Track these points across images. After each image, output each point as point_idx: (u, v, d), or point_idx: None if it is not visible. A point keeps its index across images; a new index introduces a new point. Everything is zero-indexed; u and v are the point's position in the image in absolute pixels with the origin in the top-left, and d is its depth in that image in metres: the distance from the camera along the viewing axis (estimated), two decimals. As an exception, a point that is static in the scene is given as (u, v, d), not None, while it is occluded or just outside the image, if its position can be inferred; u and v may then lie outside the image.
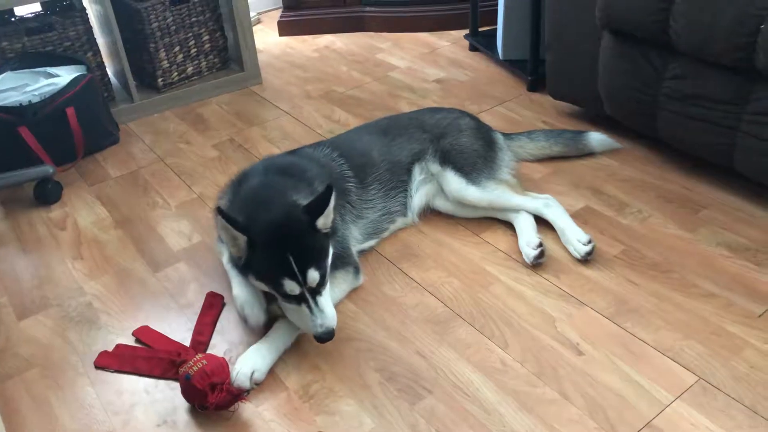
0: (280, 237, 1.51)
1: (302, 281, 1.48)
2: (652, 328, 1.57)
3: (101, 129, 2.52)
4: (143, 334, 1.68)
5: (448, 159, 1.93)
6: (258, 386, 1.51)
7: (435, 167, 1.94)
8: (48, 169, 2.24)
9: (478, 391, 1.46)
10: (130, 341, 1.67)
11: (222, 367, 1.45)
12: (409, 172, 1.95)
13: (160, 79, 2.79)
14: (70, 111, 2.33)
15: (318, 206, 1.54)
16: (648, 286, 1.69)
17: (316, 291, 1.50)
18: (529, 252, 1.77)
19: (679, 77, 1.93)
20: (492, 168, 1.96)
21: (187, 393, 1.45)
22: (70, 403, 1.52)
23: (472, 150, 1.96)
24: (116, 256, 1.98)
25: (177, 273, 1.89)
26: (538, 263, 1.77)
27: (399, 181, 1.93)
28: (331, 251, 1.59)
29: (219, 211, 1.49)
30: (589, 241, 1.78)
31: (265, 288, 1.56)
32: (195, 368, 1.42)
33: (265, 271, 1.52)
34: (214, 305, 1.75)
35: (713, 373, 1.45)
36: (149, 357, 1.60)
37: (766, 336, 1.52)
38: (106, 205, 2.22)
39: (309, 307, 1.49)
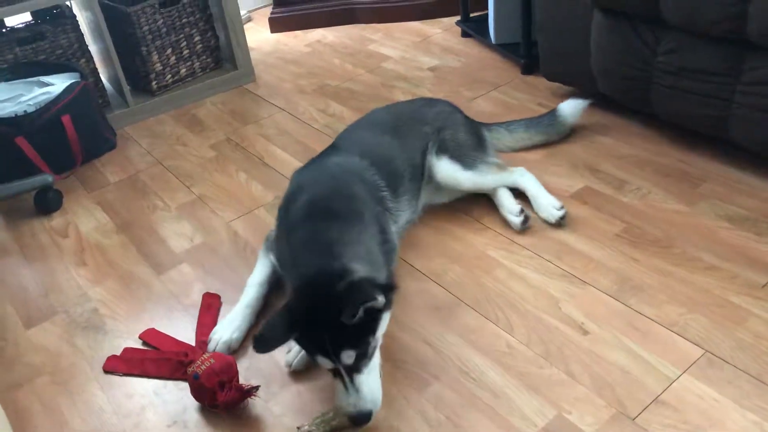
0: (315, 312, 1.33)
1: (336, 360, 1.32)
2: (656, 304, 1.57)
3: (98, 135, 2.53)
4: (150, 337, 1.69)
5: (444, 149, 1.94)
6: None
7: (432, 158, 1.94)
8: (47, 178, 2.24)
9: (485, 376, 1.46)
10: (137, 344, 1.68)
11: (230, 365, 1.46)
12: (422, 175, 1.94)
13: (154, 83, 2.79)
14: (66, 119, 2.34)
15: (366, 292, 1.31)
16: (650, 263, 1.69)
17: (353, 368, 1.33)
18: (515, 219, 1.84)
19: (671, 51, 1.93)
20: (484, 154, 2.00)
21: (196, 392, 1.46)
22: (80, 408, 1.53)
23: (467, 143, 1.98)
24: (119, 260, 1.99)
25: (180, 275, 1.90)
26: (525, 228, 1.83)
27: (416, 188, 1.93)
28: (382, 325, 1.39)
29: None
30: (562, 207, 1.84)
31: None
32: (203, 367, 1.43)
33: (300, 339, 1.39)
34: (212, 305, 1.76)
35: (719, 345, 1.45)
36: (157, 359, 1.61)
37: (771, 305, 1.53)
38: (107, 210, 2.23)
39: (344, 383, 1.34)
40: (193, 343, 1.65)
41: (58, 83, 2.43)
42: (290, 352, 1.55)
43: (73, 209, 2.26)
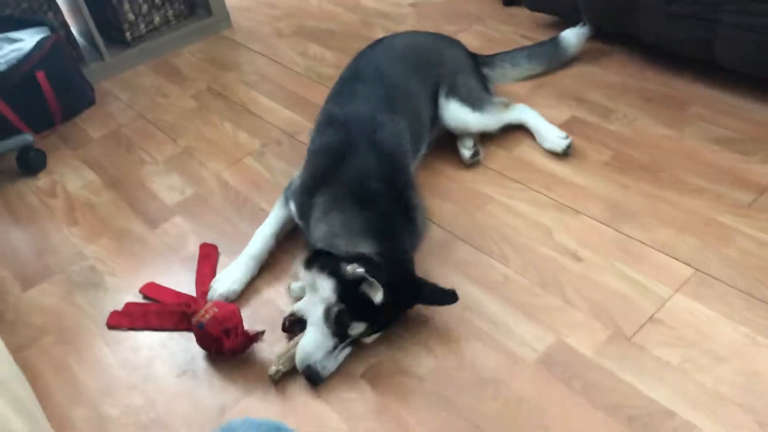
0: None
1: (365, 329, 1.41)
2: (646, 228, 1.61)
3: (76, 91, 2.47)
4: (150, 290, 1.70)
5: (455, 92, 1.92)
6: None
7: (442, 100, 1.92)
8: (27, 137, 2.20)
9: (484, 307, 1.50)
10: (138, 299, 1.70)
11: (233, 312, 1.48)
12: (433, 117, 1.93)
13: (127, 33, 2.72)
14: (41, 75, 2.28)
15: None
16: (639, 188, 1.72)
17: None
18: (466, 152, 1.90)
19: (655, -26, 1.90)
20: (490, 95, 2.00)
21: (202, 341, 1.49)
22: (89, 365, 1.56)
23: (476, 86, 1.98)
24: (112, 217, 1.98)
25: (175, 227, 1.90)
26: (474, 161, 1.89)
27: (428, 131, 1.92)
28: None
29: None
30: (566, 136, 1.86)
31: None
32: (207, 316, 1.45)
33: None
34: (209, 255, 1.77)
35: (708, 263, 1.50)
36: (160, 311, 1.63)
37: (757, 223, 1.56)
38: (93, 167, 2.21)
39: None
40: (194, 293, 1.66)
41: (27, 39, 2.36)
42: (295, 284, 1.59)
43: (59, 169, 2.23)
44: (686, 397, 1.26)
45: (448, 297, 1.43)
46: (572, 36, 2.19)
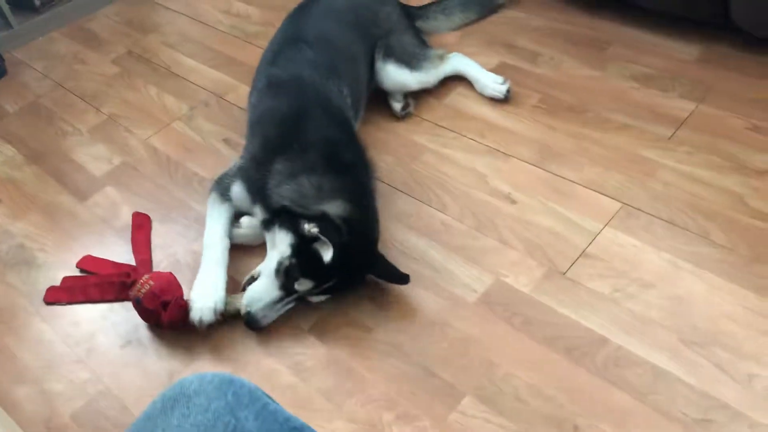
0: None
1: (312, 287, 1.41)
2: (575, 167, 1.67)
3: (-16, 63, 2.33)
4: (87, 264, 1.66)
5: (391, 53, 1.90)
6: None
7: (379, 63, 1.90)
8: (-63, 115, 2.08)
9: (425, 254, 1.53)
10: (76, 273, 1.65)
11: (170, 283, 1.45)
12: (370, 78, 1.91)
13: (35, -2, 2.57)
14: (-56, 48, 2.14)
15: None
16: (567, 129, 1.77)
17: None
18: (396, 105, 1.91)
19: None
20: (426, 49, 1.98)
21: (141, 315, 1.46)
22: (29, 344, 1.52)
23: (411, 43, 1.96)
24: (38, 192, 1.90)
25: (106, 198, 1.84)
26: (405, 114, 1.91)
27: (366, 91, 1.90)
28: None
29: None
30: (505, 81, 1.89)
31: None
32: (143, 290, 1.43)
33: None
34: (142, 224, 1.73)
35: (634, 197, 1.57)
36: (100, 283, 1.60)
37: (677, 155, 1.65)
38: (12, 142, 2.10)
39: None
40: (132, 263, 1.63)
41: (-74, 9, 2.20)
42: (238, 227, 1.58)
43: (-26, 145, 2.12)
44: (618, 323, 1.34)
45: (401, 277, 1.43)
46: None
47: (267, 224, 1.47)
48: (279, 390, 1.33)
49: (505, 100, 1.88)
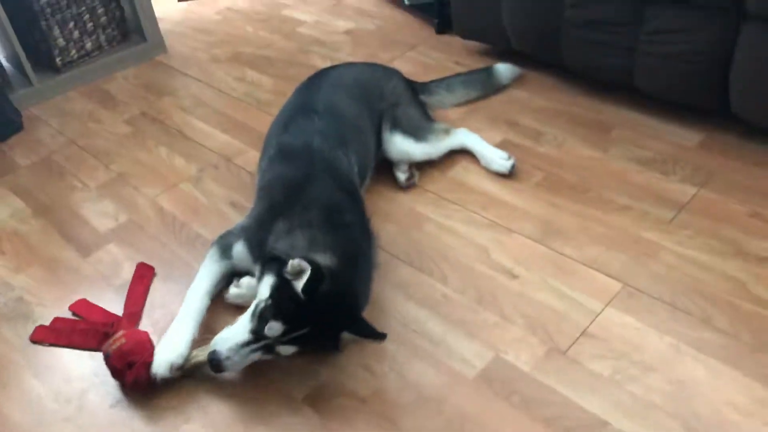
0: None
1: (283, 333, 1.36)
2: (577, 245, 1.67)
3: (1, 117, 2.39)
4: (80, 308, 1.66)
5: (397, 124, 1.96)
6: (180, 372, 1.43)
7: (386, 134, 1.96)
8: (-50, 165, 2.11)
9: (424, 326, 1.52)
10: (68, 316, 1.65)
11: (141, 344, 1.43)
12: (377, 149, 1.96)
13: (58, 59, 2.65)
14: (-35, 101, 2.20)
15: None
16: (569, 207, 1.79)
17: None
18: (401, 176, 1.95)
19: (578, 5, 2.01)
20: (431, 122, 2.04)
21: (109, 370, 1.44)
22: (17, 399, 1.49)
23: (416, 116, 2.02)
24: (41, 246, 1.91)
25: (108, 255, 1.85)
26: (409, 185, 1.94)
27: (373, 162, 1.94)
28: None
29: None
30: (510, 157, 1.93)
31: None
32: (114, 347, 1.41)
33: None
34: (145, 276, 1.73)
35: (636, 278, 1.57)
36: (86, 330, 1.59)
37: (678, 238, 1.65)
38: (21, 195, 2.13)
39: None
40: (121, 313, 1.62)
41: (-49, 64, 2.27)
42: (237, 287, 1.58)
43: (-17, 197, 2.14)
44: (619, 407, 1.31)
45: (377, 335, 1.39)
46: (506, 70, 2.30)
47: (259, 277, 1.47)
48: (269, 460, 1.30)
49: (509, 176, 1.91)
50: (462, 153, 2.02)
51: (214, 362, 1.36)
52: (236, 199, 1.98)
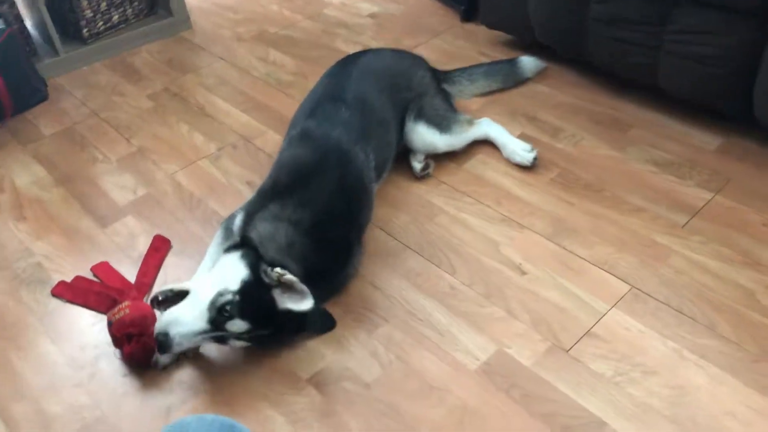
0: None
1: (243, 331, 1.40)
2: (588, 245, 1.68)
3: (28, 85, 2.42)
4: (101, 270, 1.72)
5: (422, 114, 1.96)
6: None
7: (410, 123, 1.96)
8: (-24, 130, 2.16)
9: (431, 316, 1.54)
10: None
11: (144, 317, 1.45)
12: (399, 139, 1.96)
13: (85, 30, 2.68)
14: (-7, 68, 2.24)
15: None
16: (583, 206, 1.80)
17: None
18: (417, 165, 1.95)
19: (604, 1, 1.99)
20: (455, 113, 2.04)
21: (111, 338, 1.48)
22: (33, 362, 1.54)
23: (442, 106, 2.02)
24: (61, 214, 1.95)
25: (125, 227, 1.89)
26: (424, 174, 1.94)
27: (394, 154, 1.95)
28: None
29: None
30: (532, 149, 1.93)
31: None
32: (117, 316, 1.45)
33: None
34: (161, 248, 1.77)
35: (644, 281, 1.57)
36: (100, 292, 1.64)
37: (689, 243, 1.65)
38: (44, 163, 2.17)
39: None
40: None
41: (-20, 30, 2.31)
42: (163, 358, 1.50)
43: (7, 163, 2.19)
44: (617, 408, 1.33)
45: (328, 328, 1.51)
46: (530, 63, 2.28)
47: (228, 249, 1.49)
48: (272, 438, 1.33)
49: (530, 168, 1.92)
50: (479, 145, 2.03)
51: (163, 346, 1.35)
52: (253, 179, 2.00)
